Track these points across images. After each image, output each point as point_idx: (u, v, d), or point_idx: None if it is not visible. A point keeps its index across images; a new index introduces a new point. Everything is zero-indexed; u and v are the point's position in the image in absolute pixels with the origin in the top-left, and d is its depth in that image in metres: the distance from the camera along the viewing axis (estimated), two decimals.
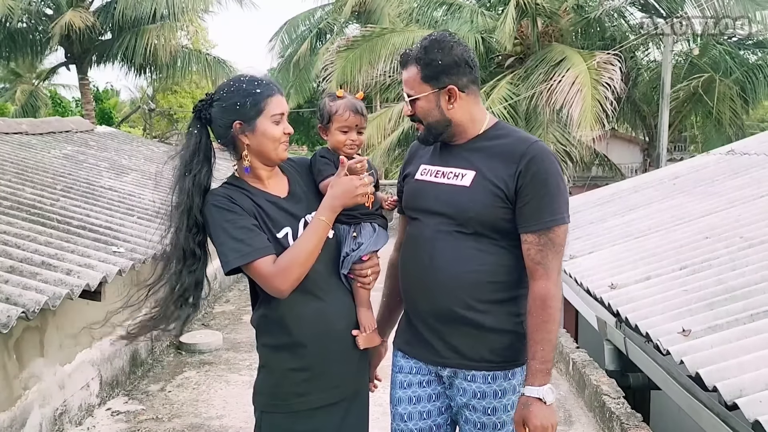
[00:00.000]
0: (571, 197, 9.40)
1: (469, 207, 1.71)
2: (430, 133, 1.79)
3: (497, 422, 1.79)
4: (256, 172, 1.77)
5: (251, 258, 1.64)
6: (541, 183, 1.68)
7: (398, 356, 1.93)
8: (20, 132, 7.16)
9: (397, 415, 1.90)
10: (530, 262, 1.71)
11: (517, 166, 1.68)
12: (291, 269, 1.66)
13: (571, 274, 4.62)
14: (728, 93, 12.60)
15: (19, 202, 4.20)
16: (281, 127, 1.73)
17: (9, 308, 2.56)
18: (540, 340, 1.67)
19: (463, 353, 1.77)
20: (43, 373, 3.50)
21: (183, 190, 1.71)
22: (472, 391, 1.78)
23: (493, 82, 11.01)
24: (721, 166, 6.56)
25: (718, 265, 3.66)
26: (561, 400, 4.18)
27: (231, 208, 1.69)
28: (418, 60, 1.72)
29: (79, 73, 17.26)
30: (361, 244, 1.81)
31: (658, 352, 3.06)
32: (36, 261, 3.21)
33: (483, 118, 1.81)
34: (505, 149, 1.73)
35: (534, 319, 1.69)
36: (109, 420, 4.01)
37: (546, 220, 1.68)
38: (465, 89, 1.74)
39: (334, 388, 1.79)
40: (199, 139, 1.74)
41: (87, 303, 3.65)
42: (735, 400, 2.29)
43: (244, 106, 1.69)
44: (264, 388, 1.80)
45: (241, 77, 1.74)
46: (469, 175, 1.73)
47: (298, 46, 19.69)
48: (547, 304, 1.68)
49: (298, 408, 1.75)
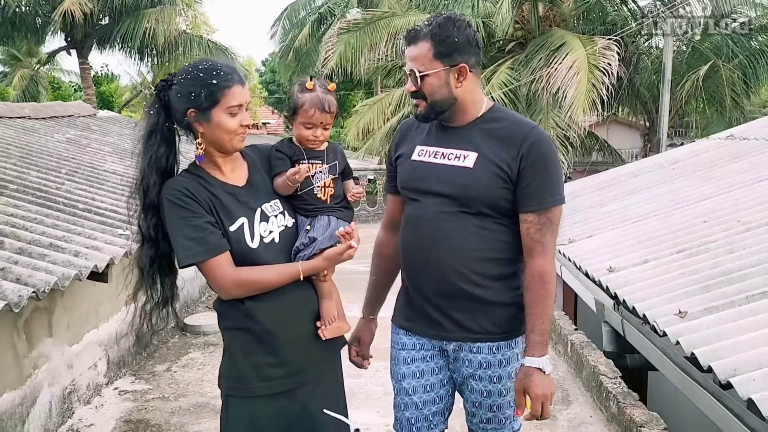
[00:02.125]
0: (571, 182, 9.46)
1: (474, 187, 1.76)
2: (433, 110, 1.80)
3: (502, 389, 1.87)
4: (214, 160, 1.75)
5: (201, 258, 1.65)
6: (543, 165, 1.75)
7: (400, 334, 1.98)
8: (23, 116, 7.18)
9: (402, 390, 1.97)
10: (529, 240, 1.78)
11: (519, 149, 1.74)
12: (246, 286, 1.70)
13: (570, 257, 4.67)
14: (730, 78, 12.57)
15: (25, 186, 4.24)
16: (238, 119, 1.68)
17: (20, 288, 2.61)
18: (539, 314, 1.76)
19: (468, 327, 1.84)
20: (51, 352, 3.57)
21: (141, 168, 1.71)
22: (477, 362, 1.85)
23: (494, 67, 10.99)
24: (720, 151, 6.59)
25: (715, 248, 3.71)
26: (559, 380, 4.25)
27: (186, 204, 1.66)
28: (433, 36, 1.72)
29: (80, 58, 17.24)
30: (313, 240, 1.77)
31: (654, 334, 3.12)
32: (44, 243, 3.27)
33: (482, 101, 1.85)
34: (505, 132, 1.78)
35: (533, 294, 1.77)
36: (117, 399, 4.09)
37: (547, 200, 1.76)
38: (473, 69, 1.78)
39: (296, 373, 1.78)
40: (156, 119, 1.71)
41: (94, 284, 3.71)
42: (729, 379, 2.35)
43: (199, 96, 1.64)
44: (228, 372, 1.80)
45: (201, 64, 1.68)
46: (472, 157, 1.77)
47: (299, 31, 19.60)
48: (545, 280, 1.76)
49: (261, 392, 1.75)
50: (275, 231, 1.77)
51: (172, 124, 1.73)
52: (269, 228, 1.76)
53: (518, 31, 11.68)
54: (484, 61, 11.68)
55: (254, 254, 1.72)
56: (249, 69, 25.12)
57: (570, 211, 6.44)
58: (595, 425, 3.59)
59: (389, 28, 11.18)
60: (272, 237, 1.76)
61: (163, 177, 1.71)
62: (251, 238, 1.72)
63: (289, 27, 20.77)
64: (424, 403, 1.94)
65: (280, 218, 1.79)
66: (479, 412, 1.90)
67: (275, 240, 1.76)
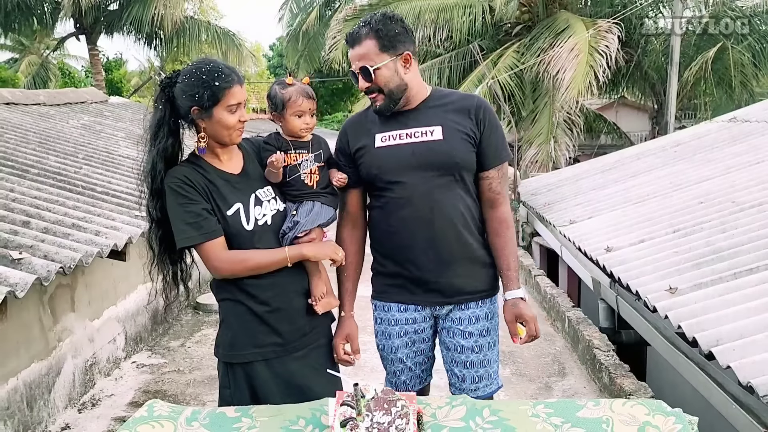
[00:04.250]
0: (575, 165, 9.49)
1: (453, 155, 1.96)
2: (391, 100, 1.95)
3: (491, 342, 2.09)
4: (213, 150, 1.90)
5: (196, 241, 1.83)
6: (495, 126, 2.02)
7: (393, 311, 2.10)
8: (38, 103, 7.37)
9: (396, 360, 2.13)
10: (491, 194, 2.04)
11: (476, 117, 1.98)
12: (237, 266, 1.86)
13: (570, 237, 4.81)
14: (739, 60, 12.52)
15: (45, 170, 4.43)
16: (236, 116, 1.83)
17: (48, 264, 2.80)
18: (510, 252, 2.05)
19: (464, 290, 2.05)
20: (74, 327, 3.78)
21: (150, 157, 1.86)
22: (467, 318, 2.05)
23: (501, 50, 11.02)
24: (722, 134, 6.66)
25: (709, 228, 3.84)
26: (556, 354, 4.43)
27: (185, 192, 1.82)
28: (376, 32, 1.90)
29: (89, 43, 17.32)
30: (297, 223, 1.92)
31: (646, 309, 3.27)
32: (67, 223, 3.45)
33: (425, 85, 2.06)
34: (456, 105, 2.01)
35: (503, 238, 2.05)
36: (135, 372, 4.30)
37: (503, 156, 2.04)
38: (415, 55, 1.98)
39: (287, 342, 1.93)
40: (163, 113, 1.85)
41: (112, 263, 3.91)
42: (711, 348, 2.50)
43: (202, 96, 1.78)
44: (224, 340, 1.94)
45: (203, 66, 1.82)
46: (438, 130, 1.97)
47: (307, 15, 19.55)
48: (509, 224, 2.06)
49: (254, 359, 1.90)
50: (268, 214, 1.93)
51: (177, 119, 1.88)
52: (263, 211, 1.92)
53: (525, 14, 11.67)
54: (490, 44, 11.77)
55: (250, 235, 1.88)
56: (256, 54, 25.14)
57: (573, 193, 6.56)
58: (588, 395, 3.76)
59: None
60: (265, 219, 1.92)
61: (168, 165, 1.87)
62: (247, 221, 1.88)
63: (296, 11, 20.73)
64: (416, 365, 2.14)
65: (272, 203, 1.95)
66: (470, 372, 2.07)
67: (268, 222, 1.92)
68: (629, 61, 12.41)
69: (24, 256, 2.79)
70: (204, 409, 1.76)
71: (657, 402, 1.69)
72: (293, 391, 1.93)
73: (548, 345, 4.61)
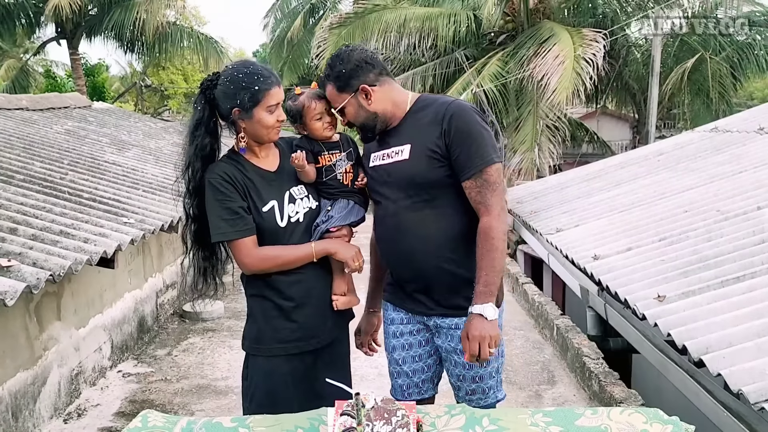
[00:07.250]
0: (560, 173, 9.58)
1: (413, 174, 1.95)
2: (366, 130, 2.04)
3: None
4: (251, 148, 2.01)
5: (229, 237, 1.94)
6: (465, 134, 1.91)
7: (389, 309, 2.20)
8: (21, 108, 7.26)
9: (393, 360, 2.19)
10: (474, 204, 1.94)
11: (441, 127, 1.92)
12: (265, 262, 1.96)
13: (557, 246, 4.85)
14: (717, 71, 12.76)
15: (31, 176, 4.36)
16: (275, 116, 1.93)
17: (38, 271, 2.75)
18: (484, 266, 1.89)
19: (442, 304, 2.04)
20: (60, 335, 3.72)
21: (188, 155, 1.96)
22: (458, 336, 2.02)
23: (485, 59, 11.10)
24: (704, 143, 6.76)
25: (694, 236, 3.89)
26: (545, 362, 4.46)
27: (224, 188, 1.92)
28: (328, 77, 1.99)
29: (70, 48, 17.14)
30: (331, 217, 2.04)
31: (635, 317, 3.30)
32: (55, 230, 3.40)
33: (405, 99, 2.06)
34: (429, 116, 1.98)
35: (479, 250, 1.91)
36: (121, 381, 4.24)
37: (477, 164, 1.90)
38: (375, 83, 1.99)
39: (310, 338, 2.03)
40: (202, 114, 1.95)
41: (98, 271, 3.86)
42: (701, 356, 2.53)
43: (244, 98, 1.89)
44: (250, 333, 2.06)
45: (245, 69, 1.92)
46: (406, 149, 1.98)
47: (291, 22, 19.57)
48: (489, 236, 1.89)
49: (278, 353, 2.01)
50: (301, 212, 2.03)
51: (217, 119, 1.98)
52: (296, 209, 2.02)
53: (509, 23, 11.78)
54: (475, 53, 11.85)
55: (282, 231, 1.99)
56: None
57: (558, 201, 6.62)
58: (578, 403, 3.79)
59: (380, 24, 11.26)
60: (298, 217, 2.02)
61: (205, 164, 1.97)
62: (281, 217, 1.98)
63: (280, 17, 20.73)
64: (413, 372, 2.15)
65: (305, 201, 2.05)
66: (463, 385, 2.09)
67: (300, 219, 2.02)
68: (610, 72, 12.59)
69: (13, 263, 2.75)
70: (199, 419, 1.75)
71: (654, 410, 1.71)
72: (307, 389, 2.03)
73: (537, 353, 4.64)
